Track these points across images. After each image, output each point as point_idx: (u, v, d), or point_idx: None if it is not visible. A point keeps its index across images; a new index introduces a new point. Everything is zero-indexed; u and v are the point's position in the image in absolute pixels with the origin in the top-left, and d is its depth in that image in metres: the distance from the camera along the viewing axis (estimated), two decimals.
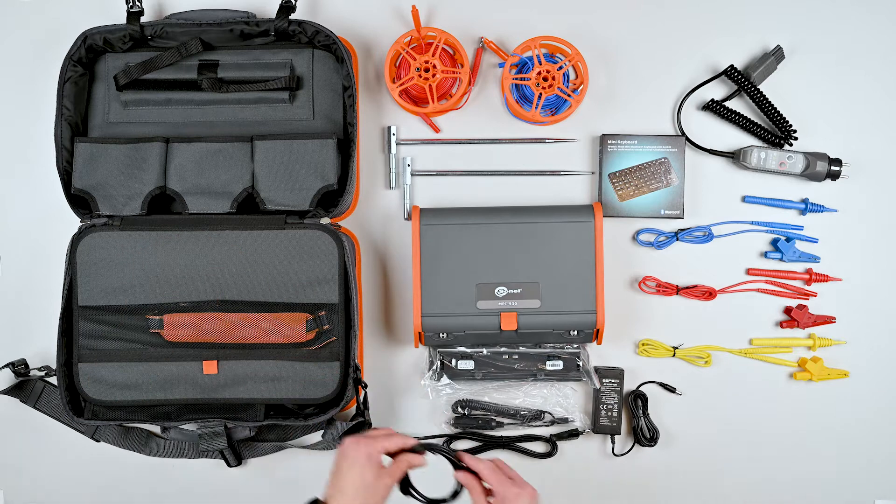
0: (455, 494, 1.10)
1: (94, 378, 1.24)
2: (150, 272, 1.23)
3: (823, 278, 1.32)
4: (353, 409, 1.28)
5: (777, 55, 1.32)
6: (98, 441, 1.30)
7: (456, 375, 1.30)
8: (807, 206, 1.32)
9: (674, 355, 1.32)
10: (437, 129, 1.35)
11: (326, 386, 1.24)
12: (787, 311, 1.33)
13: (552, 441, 1.32)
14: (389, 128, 1.34)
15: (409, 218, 1.34)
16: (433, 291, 1.25)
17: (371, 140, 1.35)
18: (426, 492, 1.10)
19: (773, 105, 1.32)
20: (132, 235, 1.23)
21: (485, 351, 1.30)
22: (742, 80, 1.32)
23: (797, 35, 1.34)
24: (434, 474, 1.10)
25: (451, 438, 1.32)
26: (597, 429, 1.32)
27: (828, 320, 1.33)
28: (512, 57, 1.28)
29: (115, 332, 1.24)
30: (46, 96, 1.30)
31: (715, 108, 1.33)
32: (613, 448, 1.32)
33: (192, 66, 1.28)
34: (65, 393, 1.24)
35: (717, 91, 1.35)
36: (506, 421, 1.32)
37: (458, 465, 1.09)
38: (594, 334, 1.26)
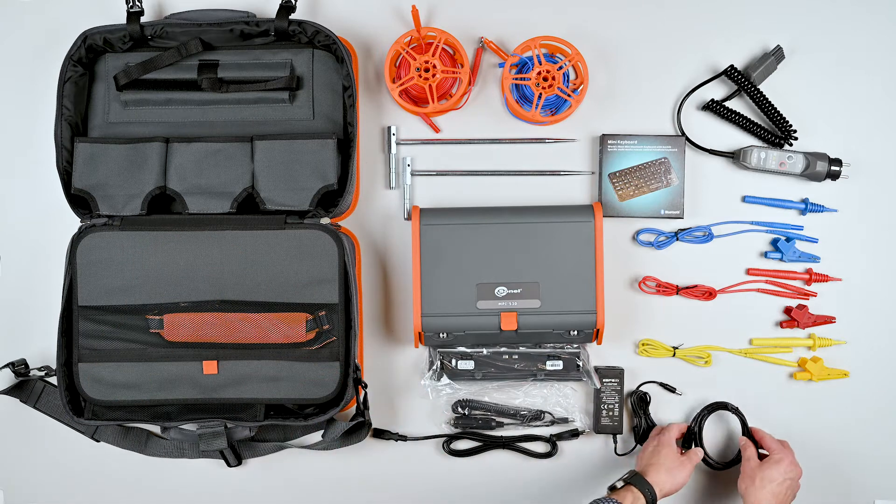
0: (738, 459, 1.30)
1: (94, 378, 1.24)
2: (150, 272, 1.23)
3: (823, 278, 1.32)
4: (353, 409, 1.28)
5: (777, 55, 1.32)
6: (98, 441, 1.30)
7: (456, 375, 1.30)
8: (807, 206, 1.32)
9: (674, 355, 1.32)
10: (437, 129, 1.35)
11: (326, 386, 1.24)
12: (787, 311, 1.33)
13: (552, 441, 1.32)
14: (389, 128, 1.34)
15: (409, 218, 1.34)
16: (433, 291, 1.25)
17: (371, 140, 1.35)
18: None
19: (773, 105, 1.32)
20: (132, 235, 1.23)
21: (485, 351, 1.30)
22: (742, 80, 1.32)
23: (797, 35, 1.34)
24: None
25: (451, 438, 1.32)
26: (598, 429, 1.32)
27: (828, 320, 1.33)
28: (512, 57, 1.28)
29: (115, 332, 1.24)
30: (46, 96, 1.30)
31: (715, 108, 1.33)
32: (616, 448, 1.32)
33: (192, 66, 1.28)
34: (65, 393, 1.24)
35: (717, 91, 1.35)
36: (506, 421, 1.32)
37: (745, 431, 1.31)
38: (594, 334, 1.26)
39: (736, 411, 1.30)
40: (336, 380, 1.24)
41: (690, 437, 1.30)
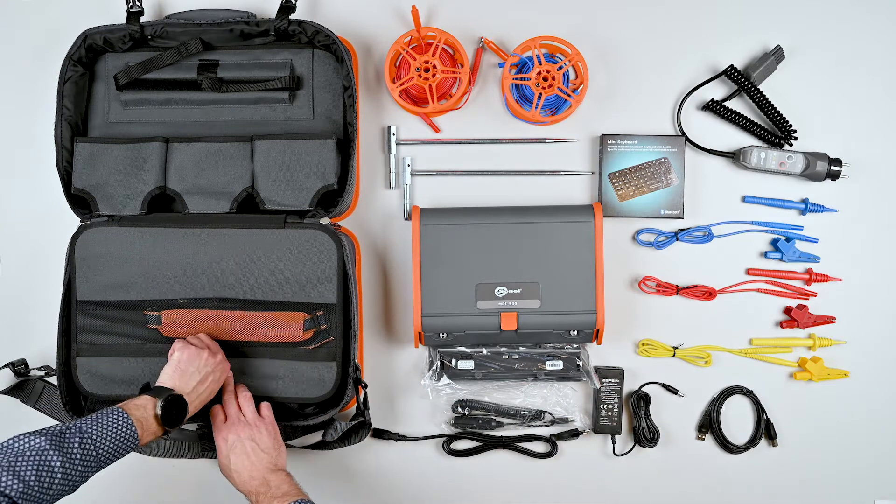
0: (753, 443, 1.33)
1: (92, 372, 1.24)
2: (148, 268, 1.23)
3: (823, 278, 1.32)
4: (353, 409, 1.28)
5: (777, 55, 1.32)
6: None
7: (456, 375, 1.30)
8: (807, 206, 1.32)
9: (674, 355, 1.32)
10: (437, 129, 1.35)
11: (323, 385, 1.24)
12: (787, 311, 1.33)
13: (552, 441, 1.32)
14: (389, 128, 1.34)
15: (409, 218, 1.34)
16: (433, 291, 1.25)
17: (371, 140, 1.35)
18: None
19: (773, 105, 1.32)
20: (131, 231, 1.23)
21: (485, 351, 1.30)
22: (742, 80, 1.32)
23: (797, 35, 1.34)
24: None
25: (451, 438, 1.32)
26: (597, 429, 1.32)
27: (828, 320, 1.33)
28: (512, 57, 1.28)
29: (112, 327, 1.24)
30: (46, 96, 1.30)
31: (715, 108, 1.33)
32: (614, 448, 1.32)
33: (192, 65, 1.28)
34: (65, 393, 1.24)
35: (717, 91, 1.35)
36: (506, 421, 1.32)
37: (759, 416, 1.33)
38: (594, 334, 1.26)
39: (751, 395, 1.31)
40: (333, 379, 1.24)
41: (707, 422, 1.31)
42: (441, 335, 1.26)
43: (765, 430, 1.32)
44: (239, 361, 1.24)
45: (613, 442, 1.32)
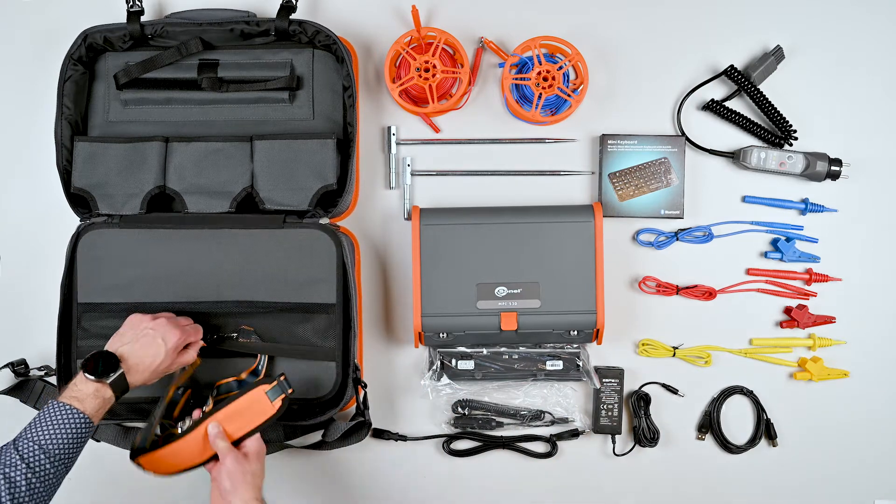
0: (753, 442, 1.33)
1: None
2: (148, 270, 1.23)
3: (823, 278, 1.32)
4: (352, 409, 1.28)
5: (777, 55, 1.32)
6: (98, 441, 1.30)
7: (456, 375, 1.30)
8: (807, 206, 1.32)
9: (674, 355, 1.32)
10: (437, 129, 1.35)
11: (323, 386, 1.23)
12: (787, 311, 1.33)
13: (552, 441, 1.32)
14: (389, 128, 1.34)
15: (409, 218, 1.34)
16: (433, 291, 1.25)
17: (371, 140, 1.35)
18: None
19: (773, 105, 1.32)
20: (132, 233, 1.23)
21: (485, 351, 1.30)
22: (742, 80, 1.32)
23: (797, 35, 1.34)
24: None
25: (451, 438, 1.32)
26: (597, 428, 1.32)
27: (828, 320, 1.33)
28: (512, 57, 1.28)
29: (111, 330, 1.23)
30: (47, 95, 1.30)
31: (715, 108, 1.33)
32: (614, 448, 1.32)
33: (192, 65, 1.28)
34: None
35: (717, 91, 1.35)
36: (506, 421, 1.32)
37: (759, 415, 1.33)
38: (594, 334, 1.26)
39: (751, 395, 1.31)
40: (333, 379, 1.23)
41: (707, 422, 1.31)
42: (441, 335, 1.26)
43: (765, 430, 1.32)
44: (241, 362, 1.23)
45: (613, 442, 1.32)
